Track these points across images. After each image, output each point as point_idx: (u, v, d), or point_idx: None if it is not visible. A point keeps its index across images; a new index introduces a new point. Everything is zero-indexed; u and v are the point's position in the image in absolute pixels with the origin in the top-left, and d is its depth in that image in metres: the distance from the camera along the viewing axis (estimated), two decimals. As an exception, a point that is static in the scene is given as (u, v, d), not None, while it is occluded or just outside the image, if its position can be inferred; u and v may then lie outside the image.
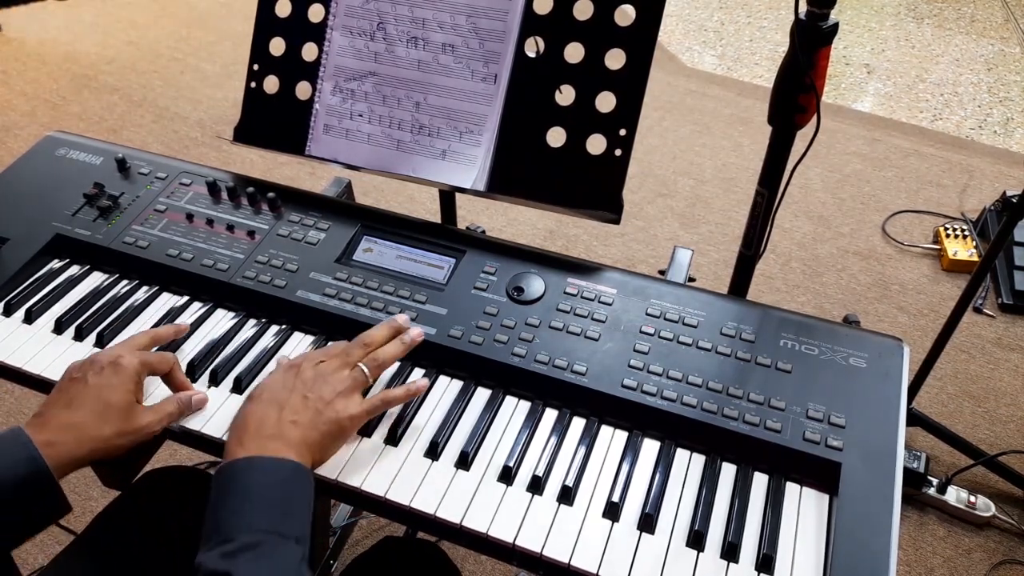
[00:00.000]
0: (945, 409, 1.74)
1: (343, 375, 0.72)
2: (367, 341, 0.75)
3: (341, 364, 0.73)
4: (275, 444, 0.66)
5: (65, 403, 0.69)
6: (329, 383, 0.71)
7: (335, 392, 0.70)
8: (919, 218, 2.28)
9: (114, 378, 0.71)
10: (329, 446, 0.70)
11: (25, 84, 2.90)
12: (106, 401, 0.69)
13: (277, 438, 0.66)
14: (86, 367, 0.72)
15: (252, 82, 1.00)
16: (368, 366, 0.73)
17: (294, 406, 0.68)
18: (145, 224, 0.93)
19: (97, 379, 0.70)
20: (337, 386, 0.71)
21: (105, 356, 0.73)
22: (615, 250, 2.20)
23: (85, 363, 0.73)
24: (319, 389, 0.70)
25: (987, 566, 1.46)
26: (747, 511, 0.69)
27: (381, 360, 0.74)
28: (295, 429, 0.67)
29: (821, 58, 1.00)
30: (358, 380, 0.72)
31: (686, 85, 2.95)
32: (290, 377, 0.71)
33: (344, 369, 0.73)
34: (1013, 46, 3.16)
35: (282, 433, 0.67)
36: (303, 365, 0.72)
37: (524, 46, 0.90)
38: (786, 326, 0.80)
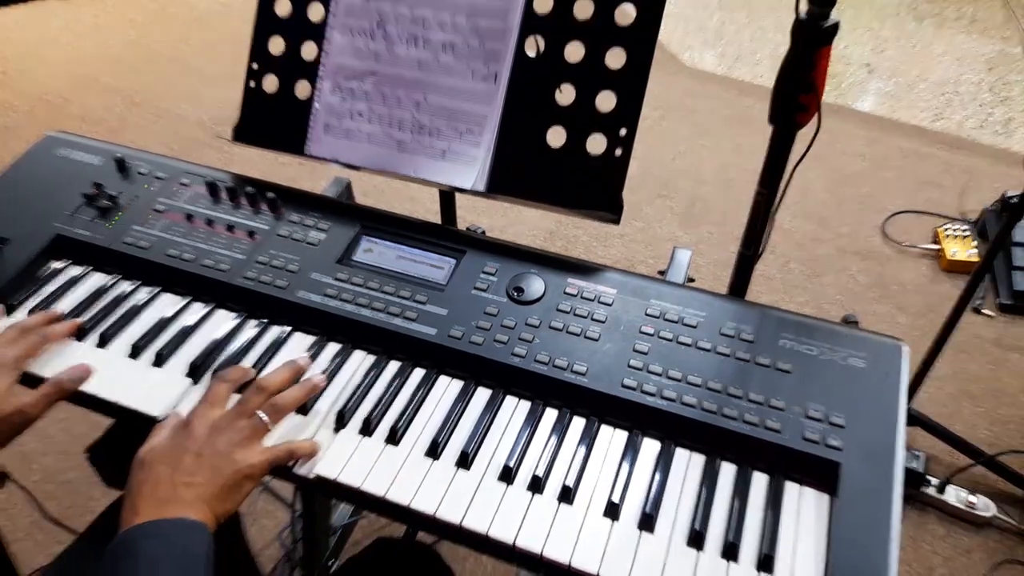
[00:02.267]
0: (945, 409, 1.74)
1: (239, 425, 0.69)
2: (263, 385, 0.72)
3: (237, 414, 0.70)
4: (171, 507, 0.63)
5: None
6: (224, 435, 0.68)
7: (231, 444, 0.67)
8: (919, 218, 2.28)
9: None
10: (231, 498, 0.67)
11: (25, 84, 2.90)
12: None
13: (172, 501, 0.63)
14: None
15: (251, 81, 1.00)
16: (267, 413, 0.70)
17: (187, 467, 0.65)
18: (145, 224, 0.93)
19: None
20: (233, 437, 0.68)
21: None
22: (615, 250, 2.20)
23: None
24: (213, 443, 0.67)
25: (987, 566, 1.46)
26: (747, 511, 0.69)
27: (281, 406, 0.72)
28: (189, 490, 0.64)
29: (822, 58, 1.00)
30: (257, 428, 0.70)
31: (686, 85, 2.95)
32: (180, 436, 0.68)
33: (240, 419, 0.70)
34: (1014, 46, 3.16)
35: (177, 496, 0.64)
36: (193, 421, 0.69)
37: (524, 45, 0.90)
38: (785, 326, 0.80)
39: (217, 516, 0.66)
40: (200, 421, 0.69)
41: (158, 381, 0.79)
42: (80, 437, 1.68)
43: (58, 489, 1.59)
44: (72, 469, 1.62)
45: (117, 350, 0.82)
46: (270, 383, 0.72)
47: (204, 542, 0.62)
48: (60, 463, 1.63)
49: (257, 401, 0.71)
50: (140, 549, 0.60)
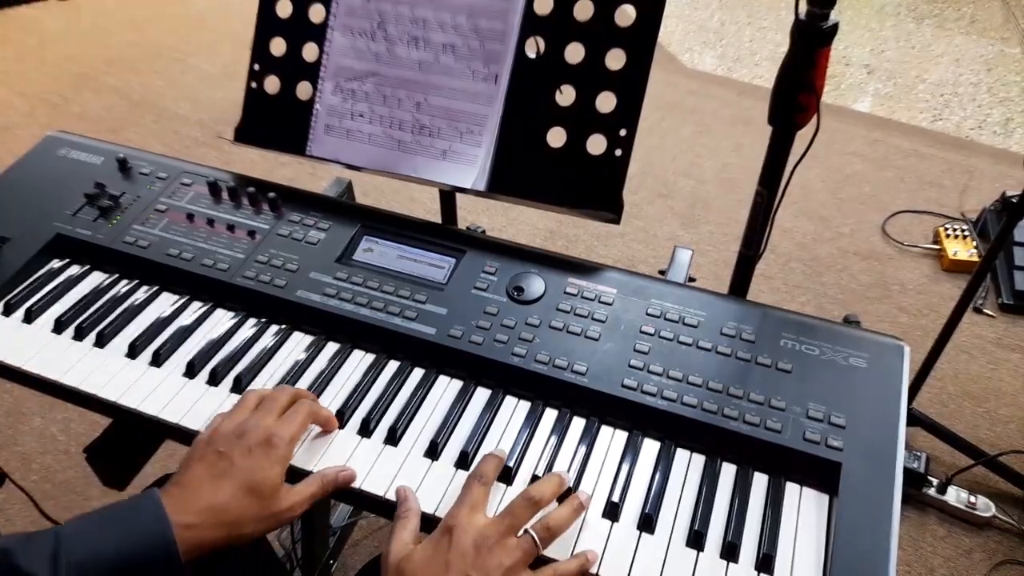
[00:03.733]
0: (945, 409, 1.74)
1: (509, 544, 0.61)
2: (535, 499, 0.64)
3: (507, 529, 0.62)
4: None
5: (210, 480, 0.64)
6: (494, 555, 0.60)
7: (501, 568, 0.60)
8: (919, 218, 2.28)
9: (264, 460, 0.65)
10: None
11: (25, 84, 2.90)
12: (253, 486, 0.64)
13: None
14: (233, 441, 0.66)
15: (253, 82, 1.00)
16: (539, 534, 0.62)
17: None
18: (146, 224, 0.93)
19: (246, 460, 0.65)
20: (504, 560, 0.60)
21: (257, 433, 0.67)
22: (615, 250, 2.20)
23: (231, 434, 0.67)
24: (483, 565, 0.59)
25: (987, 566, 1.46)
26: (747, 511, 0.69)
27: (554, 528, 0.64)
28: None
29: (821, 58, 1.00)
30: (528, 553, 0.62)
31: (686, 85, 2.95)
32: (443, 547, 0.61)
33: (510, 536, 0.62)
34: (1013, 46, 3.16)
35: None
36: (457, 529, 0.61)
37: (524, 46, 0.90)
38: (786, 326, 0.80)
39: None
40: (465, 532, 0.61)
41: (156, 381, 0.79)
42: (78, 437, 1.68)
43: (56, 489, 1.59)
44: (70, 469, 1.62)
45: (115, 350, 0.82)
46: (541, 495, 0.65)
47: None
48: (58, 463, 1.63)
49: (526, 516, 0.63)
50: None
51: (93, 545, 0.59)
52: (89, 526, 0.60)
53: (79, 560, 0.57)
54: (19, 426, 1.71)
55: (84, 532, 0.60)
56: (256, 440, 0.66)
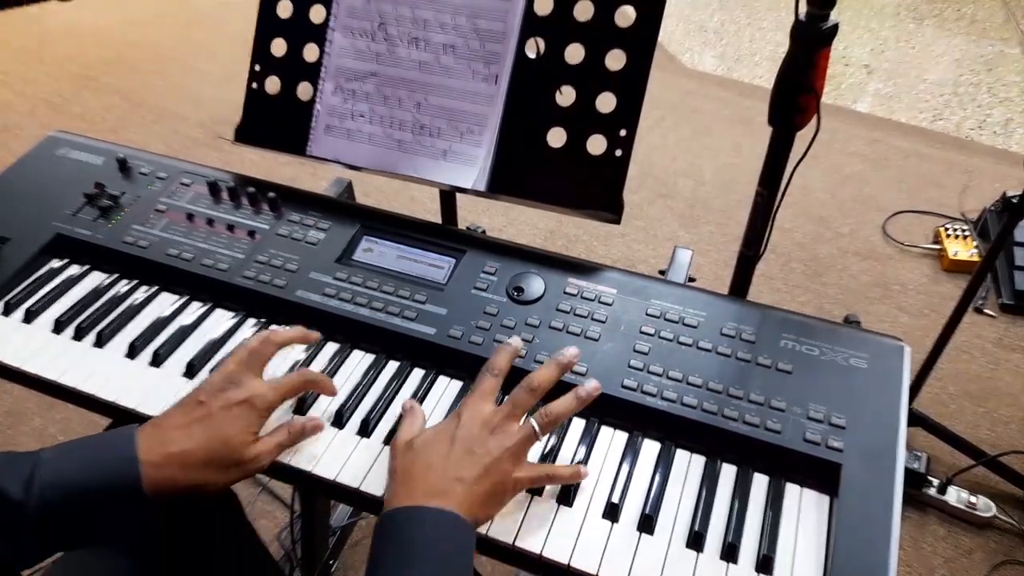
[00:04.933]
0: (946, 409, 1.74)
1: (511, 429, 0.66)
2: (534, 385, 0.69)
3: (508, 414, 0.67)
4: (440, 500, 0.62)
5: (184, 426, 0.66)
6: (496, 437, 0.66)
7: (502, 448, 0.65)
8: (919, 218, 2.28)
9: (241, 420, 0.68)
10: (492, 506, 0.65)
11: (25, 84, 2.90)
12: (224, 440, 0.66)
13: (441, 494, 0.62)
14: (216, 394, 0.68)
15: (253, 83, 1.00)
16: (539, 422, 0.67)
17: (458, 460, 0.64)
18: (146, 224, 0.93)
19: (224, 414, 0.67)
20: (505, 441, 0.65)
21: (240, 391, 0.69)
22: (615, 250, 2.20)
23: (217, 386, 0.69)
24: (486, 443, 0.65)
25: (988, 566, 1.46)
26: (747, 512, 0.68)
27: (554, 417, 0.68)
28: (460, 485, 0.63)
29: (821, 59, 1.00)
30: (528, 437, 0.66)
31: (686, 86, 2.95)
32: (451, 427, 0.66)
33: (512, 421, 0.67)
34: (1013, 46, 3.16)
35: (447, 489, 0.62)
36: (464, 413, 0.67)
37: (524, 47, 0.90)
38: (786, 326, 0.80)
39: (476, 520, 0.64)
40: (472, 415, 0.67)
41: (155, 381, 0.79)
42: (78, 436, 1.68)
43: (58, 489, 1.59)
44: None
45: (115, 350, 0.82)
46: (541, 381, 0.69)
47: (470, 543, 0.62)
48: (60, 463, 1.63)
49: (528, 402, 0.68)
50: (410, 533, 0.60)
51: (65, 471, 0.62)
52: (65, 453, 0.64)
53: (49, 483, 0.61)
54: (19, 426, 1.71)
55: (59, 458, 0.63)
56: (238, 397, 0.69)
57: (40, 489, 0.60)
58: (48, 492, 0.60)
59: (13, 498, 0.59)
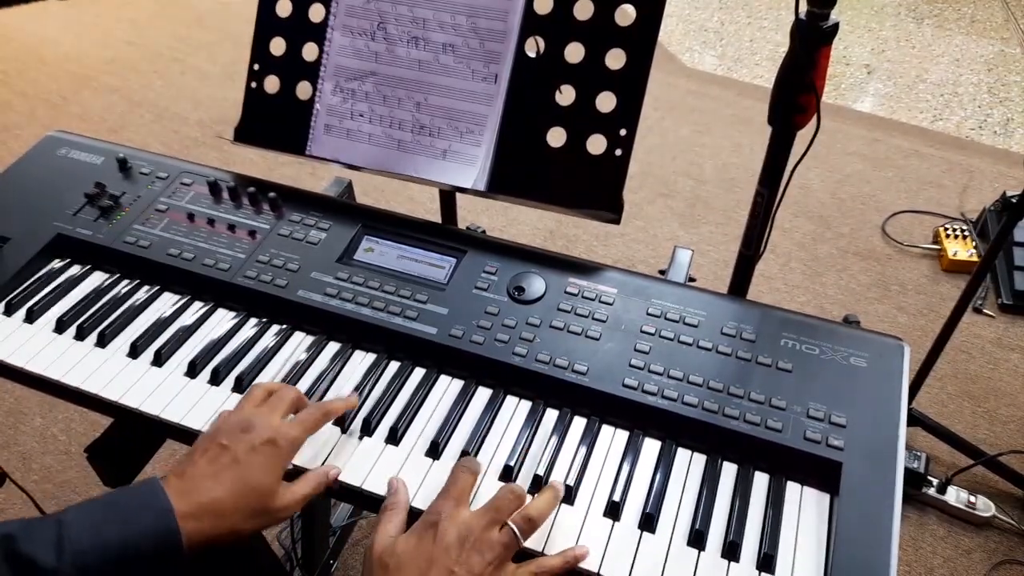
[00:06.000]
0: (945, 409, 1.74)
1: (492, 539, 0.62)
2: (519, 493, 0.65)
3: (490, 522, 0.63)
4: None
5: (212, 474, 0.64)
6: (478, 550, 0.61)
7: (484, 564, 0.60)
8: (919, 218, 2.28)
9: (267, 460, 0.65)
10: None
11: (25, 84, 2.90)
12: (253, 484, 0.64)
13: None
14: (239, 436, 0.66)
15: (253, 82, 1.00)
16: (519, 527, 0.63)
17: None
18: (146, 224, 0.93)
19: (249, 457, 0.65)
20: (487, 554, 0.61)
21: (262, 431, 0.67)
22: (615, 250, 2.20)
23: (237, 428, 0.67)
24: (468, 562, 0.60)
25: (987, 566, 1.46)
26: (748, 510, 0.69)
27: (535, 519, 0.64)
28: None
29: (821, 58, 1.00)
30: (509, 547, 0.62)
31: (686, 85, 2.95)
32: (427, 541, 0.61)
33: (493, 529, 0.62)
34: (1013, 46, 3.16)
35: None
36: (441, 524, 0.62)
37: (524, 46, 0.90)
38: (786, 326, 0.80)
39: None
40: (449, 526, 0.62)
41: (157, 380, 0.79)
42: (79, 437, 1.68)
43: (57, 489, 1.59)
44: (71, 469, 1.62)
45: (116, 349, 0.82)
46: (523, 490, 0.66)
47: None
48: (59, 463, 1.63)
49: (509, 508, 0.64)
50: None
51: (97, 533, 0.58)
52: (93, 513, 0.60)
53: (83, 548, 0.57)
54: (20, 426, 1.71)
55: (88, 519, 0.59)
56: (261, 439, 0.66)
57: (73, 554, 0.56)
58: (83, 557, 0.56)
59: (45, 566, 0.55)
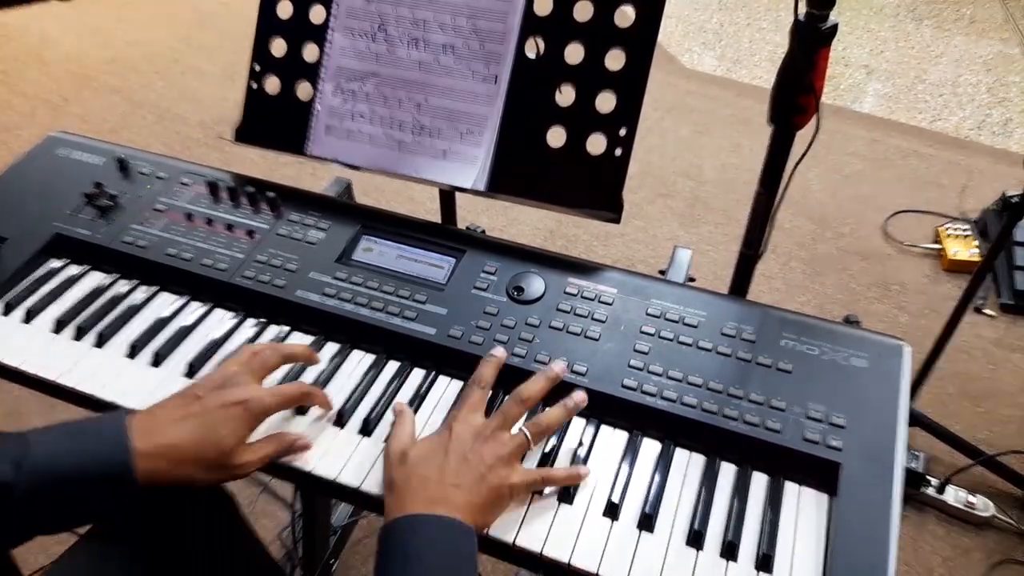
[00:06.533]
0: (945, 409, 1.74)
1: (503, 437, 0.68)
2: (524, 397, 0.70)
3: (499, 424, 0.68)
4: (440, 507, 0.62)
5: (177, 420, 0.66)
6: (489, 445, 0.67)
7: (496, 456, 0.66)
8: (919, 218, 2.28)
9: (234, 421, 0.67)
10: (490, 512, 0.66)
11: (25, 84, 2.90)
12: (213, 440, 0.66)
13: (441, 502, 0.63)
14: (214, 391, 0.68)
15: (253, 83, 1.00)
16: (530, 431, 0.68)
17: (454, 468, 0.65)
18: (145, 224, 0.93)
19: (219, 413, 0.67)
20: (498, 449, 0.66)
21: (237, 392, 0.68)
22: (615, 250, 2.20)
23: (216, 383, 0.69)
24: (479, 451, 0.66)
25: (986, 566, 1.46)
26: (747, 511, 0.69)
27: (544, 426, 0.69)
28: (458, 492, 0.64)
29: (820, 59, 1.00)
30: (520, 446, 0.68)
31: (686, 86, 2.95)
32: (443, 437, 0.67)
33: (503, 431, 0.68)
34: (1013, 47, 3.16)
35: (446, 496, 0.63)
36: (455, 425, 0.68)
37: (524, 47, 0.90)
38: (786, 326, 0.80)
39: (478, 526, 0.64)
40: (463, 425, 0.68)
41: (156, 381, 0.79)
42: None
43: (58, 489, 1.59)
44: (72, 469, 1.62)
45: (115, 350, 0.82)
46: (530, 394, 0.71)
47: (474, 547, 0.62)
48: (60, 463, 1.63)
49: (517, 413, 0.70)
50: (415, 541, 0.60)
51: (55, 455, 0.62)
52: (57, 437, 0.63)
53: (40, 466, 0.60)
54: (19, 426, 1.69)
55: (49, 441, 0.63)
56: (234, 397, 0.68)
57: (30, 472, 0.60)
58: (38, 476, 0.60)
59: (3, 479, 0.59)
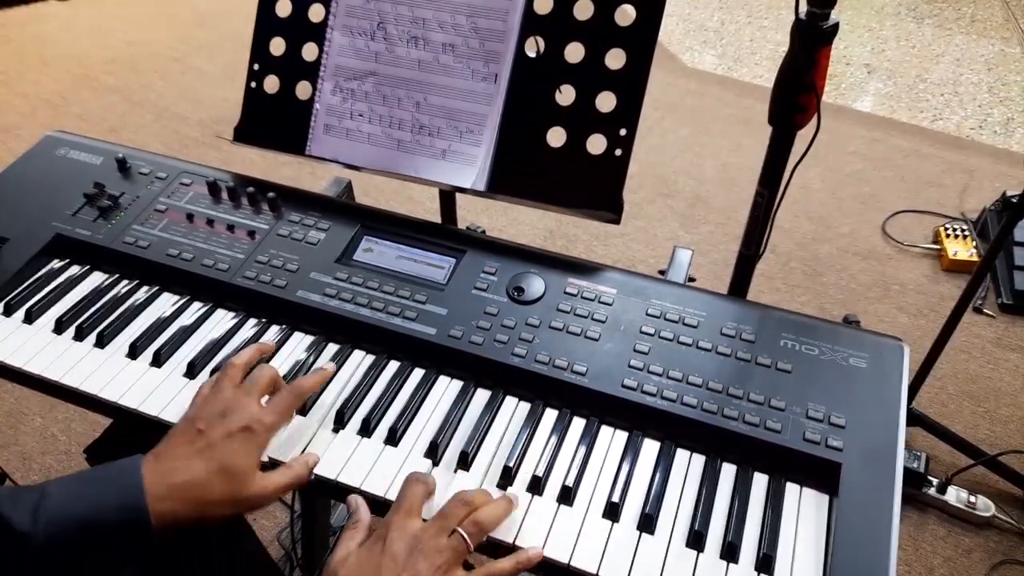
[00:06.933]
0: (945, 409, 1.74)
1: (440, 545, 0.62)
2: (468, 499, 0.65)
3: (438, 530, 0.63)
4: None
5: (186, 456, 0.65)
6: (427, 557, 0.61)
7: (433, 567, 0.60)
8: (919, 218, 2.28)
9: (242, 445, 0.66)
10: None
11: (25, 84, 2.90)
12: (228, 469, 0.65)
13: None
14: (215, 422, 0.67)
15: (252, 82, 1.00)
16: (469, 531, 0.63)
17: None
18: (145, 224, 0.93)
19: (226, 444, 0.66)
20: (435, 559, 0.61)
21: (239, 417, 0.68)
22: (615, 250, 2.20)
23: (214, 413, 0.68)
24: (415, 565, 0.60)
25: (987, 566, 1.46)
26: (747, 511, 0.69)
27: (485, 524, 0.64)
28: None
29: (821, 58, 1.00)
30: (458, 551, 0.62)
31: (686, 85, 2.95)
32: (376, 550, 0.62)
33: (442, 536, 0.62)
34: (1013, 46, 3.16)
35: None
36: (391, 534, 0.62)
37: (524, 46, 0.90)
38: (786, 326, 0.80)
39: None
40: (398, 535, 0.62)
41: (156, 381, 0.79)
42: (79, 437, 1.68)
43: (58, 489, 1.59)
44: (71, 469, 1.62)
45: (115, 350, 0.82)
46: (474, 497, 0.66)
47: None
48: (59, 463, 1.63)
49: (459, 515, 0.64)
50: None
51: (71, 503, 0.61)
52: (71, 485, 0.63)
53: (56, 515, 0.60)
54: (20, 426, 1.71)
55: (65, 490, 0.62)
56: (237, 424, 0.67)
57: (47, 522, 0.59)
58: (55, 524, 0.59)
59: (19, 529, 0.58)
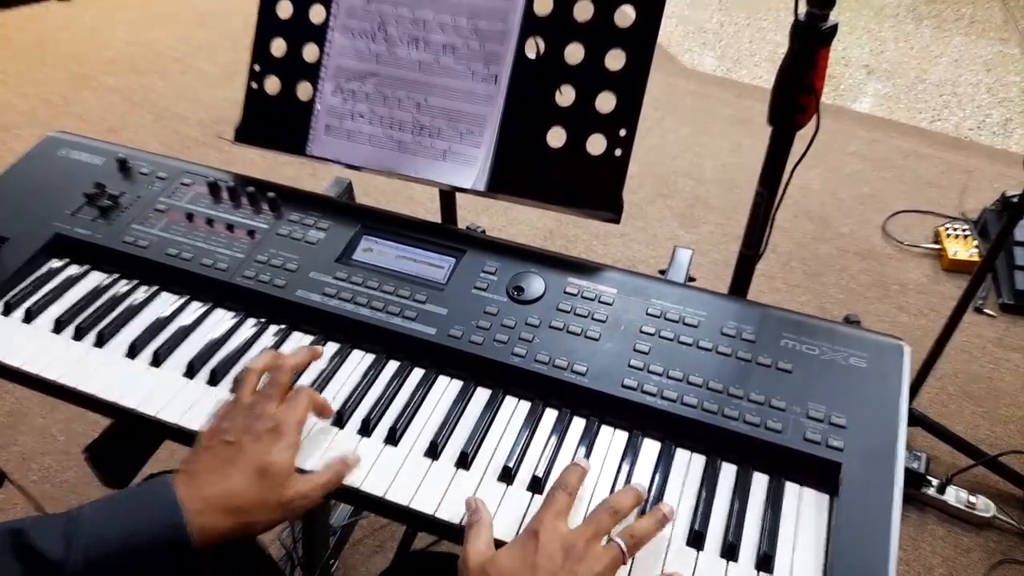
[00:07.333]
0: (945, 409, 1.74)
1: (597, 551, 0.60)
2: (617, 508, 0.64)
3: (592, 536, 0.61)
4: None
5: (218, 467, 0.64)
6: (583, 563, 0.59)
7: (591, 573, 0.59)
8: (919, 218, 2.28)
9: (274, 445, 0.66)
10: None
11: (25, 84, 2.90)
12: (264, 469, 0.64)
13: None
14: (241, 429, 0.66)
15: (253, 83, 1.00)
16: (625, 543, 0.61)
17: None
18: (145, 224, 0.93)
19: (255, 446, 0.65)
20: (593, 566, 0.59)
21: (263, 421, 0.67)
22: (615, 250, 2.20)
23: (238, 422, 0.67)
24: (574, 568, 0.58)
25: (986, 566, 1.46)
26: (747, 511, 0.69)
27: (639, 537, 0.63)
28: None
29: (821, 59, 1.00)
30: (616, 560, 0.61)
31: (686, 86, 2.95)
32: (530, 550, 0.59)
33: (596, 544, 0.61)
34: (1012, 47, 3.16)
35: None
36: (542, 536, 0.60)
37: (524, 47, 0.90)
38: (786, 326, 0.80)
39: None
40: (551, 537, 0.60)
41: (156, 381, 0.79)
42: (78, 437, 1.68)
43: (56, 489, 1.59)
44: (70, 469, 1.62)
45: (115, 349, 0.82)
46: (621, 505, 0.64)
47: None
48: (59, 463, 1.63)
49: (610, 523, 0.63)
50: None
51: (106, 525, 0.59)
52: (105, 507, 0.61)
53: (92, 540, 0.58)
54: (19, 426, 1.71)
55: (99, 513, 0.60)
56: (264, 428, 0.67)
57: (84, 549, 0.57)
58: (92, 549, 0.58)
59: (52, 559, 0.56)
